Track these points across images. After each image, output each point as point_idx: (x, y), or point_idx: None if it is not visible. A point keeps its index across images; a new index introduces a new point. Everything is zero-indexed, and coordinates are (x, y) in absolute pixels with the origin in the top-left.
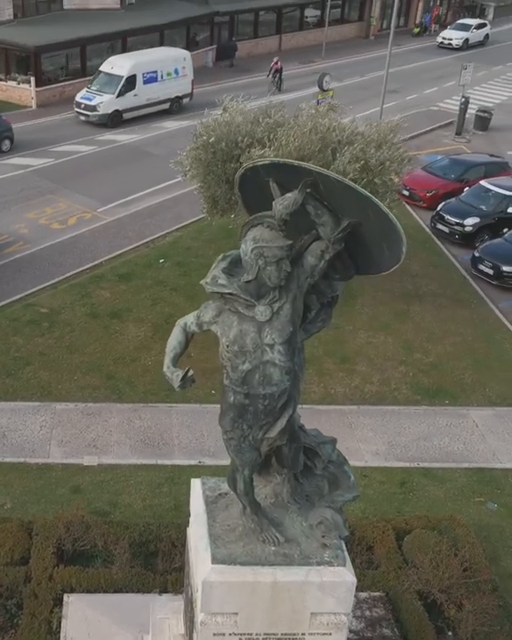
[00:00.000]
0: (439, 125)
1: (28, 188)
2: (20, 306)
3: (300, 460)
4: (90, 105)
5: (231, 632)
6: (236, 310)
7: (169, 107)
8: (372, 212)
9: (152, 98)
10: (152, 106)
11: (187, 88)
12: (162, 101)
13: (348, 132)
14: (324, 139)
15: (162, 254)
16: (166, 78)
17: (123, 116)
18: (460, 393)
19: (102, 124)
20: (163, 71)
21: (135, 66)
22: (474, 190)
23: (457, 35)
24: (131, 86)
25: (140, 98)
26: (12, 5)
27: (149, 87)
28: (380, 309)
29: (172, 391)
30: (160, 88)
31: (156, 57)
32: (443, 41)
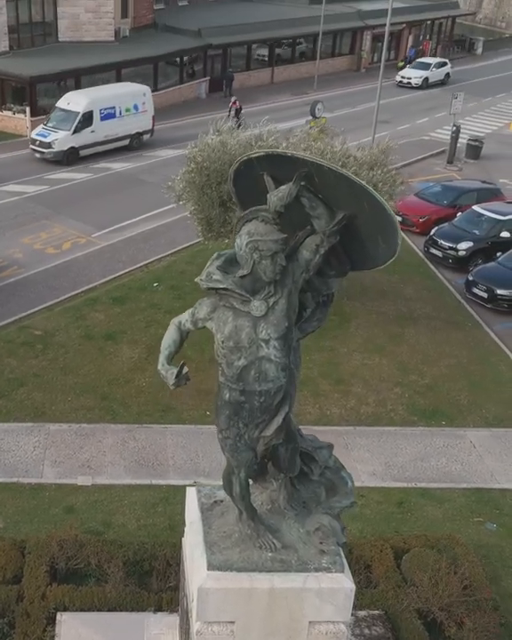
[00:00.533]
0: (431, 154)
1: (23, 214)
2: (15, 328)
3: (297, 463)
4: (45, 142)
5: None
6: (232, 306)
7: (128, 143)
8: (366, 203)
9: (110, 134)
10: (110, 142)
11: (147, 124)
12: (121, 138)
13: (339, 154)
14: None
15: (156, 278)
16: (125, 114)
17: (79, 152)
18: (456, 414)
19: (57, 162)
20: (121, 107)
21: (92, 102)
22: (466, 215)
23: (416, 73)
24: (87, 123)
25: (97, 134)
26: (8, 38)
27: (107, 123)
28: (375, 332)
29: (166, 412)
30: (119, 124)
31: (114, 93)
32: (402, 80)
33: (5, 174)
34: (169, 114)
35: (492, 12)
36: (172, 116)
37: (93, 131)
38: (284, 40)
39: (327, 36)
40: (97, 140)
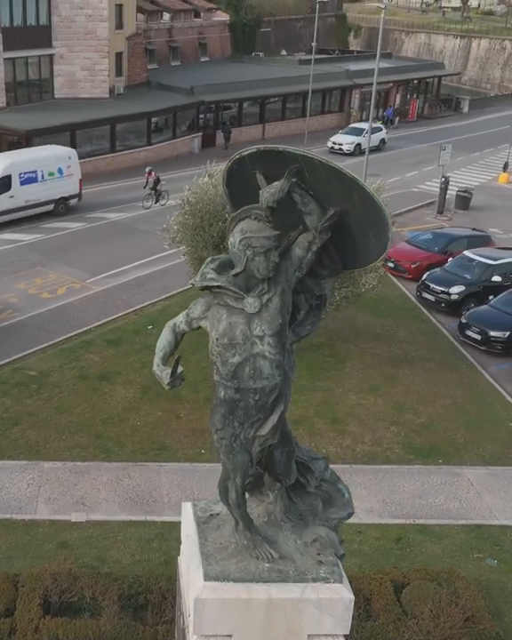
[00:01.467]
0: (421, 205)
1: (18, 261)
2: (9, 369)
3: (293, 468)
4: None
5: None
6: (226, 303)
7: (53, 208)
8: (357, 197)
9: (31, 199)
10: (32, 208)
11: (74, 188)
12: (43, 203)
13: None
14: None
15: (150, 321)
16: (48, 178)
17: None
18: (453, 452)
19: None
20: (44, 171)
21: (10, 166)
22: (458, 260)
23: (347, 139)
24: (5, 187)
25: (16, 199)
26: (5, 94)
27: (28, 188)
28: (370, 373)
29: (161, 450)
30: (41, 189)
31: (36, 156)
32: (333, 146)
33: (2, 223)
34: (162, 167)
35: (477, 74)
36: (166, 169)
37: (12, 196)
38: (274, 98)
39: (317, 94)
40: (17, 206)
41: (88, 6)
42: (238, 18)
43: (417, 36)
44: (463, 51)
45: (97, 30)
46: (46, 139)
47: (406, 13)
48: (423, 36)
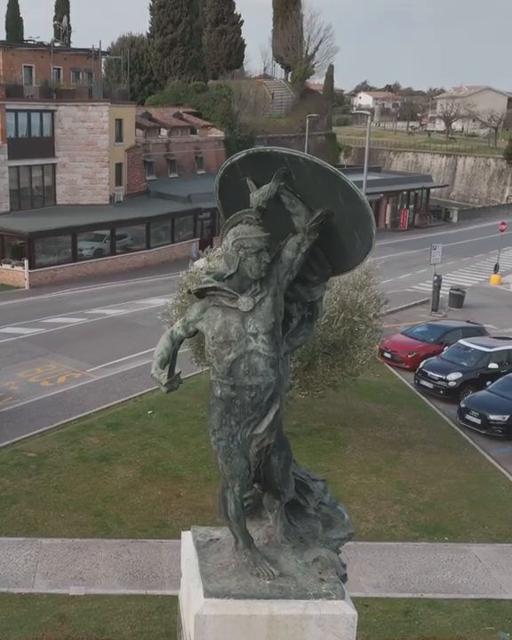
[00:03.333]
0: (415, 303)
1: (19, 352)
2: (8, 451)
3: (291, 478)
4: None
5: None
6: (221, 304)
7: None
8: (341, 194)
9: None
10: None
11: None
12: None
13: None
14: None
15: (150, 407)
16: None
17: None
18: (458, 530)
19: None
20: None
21: None
22: (453, 349)
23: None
24: None
25: None
26: (9, 200)
27: None
28: (371, 455)
29: (161, 528)
30: None
31: None
32: None
33: (3, 318)
34: (161, 269)
35: (464, 190)
36: (164, 271)
37: None
38: None
39: None
40: None
41: (89, 120)
42: (232, 135)
43: (405, 154)
44: (450, 168)
45: (98, 142)
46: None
47: (394, 135)
48: (411, 154)
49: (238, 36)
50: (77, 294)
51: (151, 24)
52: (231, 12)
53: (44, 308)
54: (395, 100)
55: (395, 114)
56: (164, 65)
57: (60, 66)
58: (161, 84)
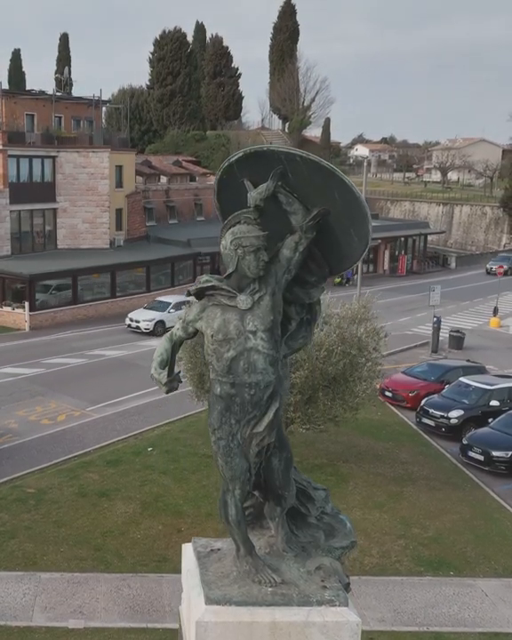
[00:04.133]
0: (415, 345)
1: (19, 392)
2: (7, 487)
3: (292, 480)
4: None
5: None
6: (220, 303)
7: None
8: (337, 192)
9: None
10: None
11: None
12: None
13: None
14: None
15: (150, 444)
16: None
17: None
18: (464, 565)
19: None
20: None
21: None
22: (454, 387)
23: (146, 316)
24: None
25: None
26: (10, 244)
27: None
28: (373, 491)
29: (162, 562)
30: None
31: None
32: (130, 323)
33: (3, 359)
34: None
35: (462, 238)
36: None
37: None
38: None
39: None
40: None
41: (90, 166)
42: None
43: (402, 203)
44: (447, 216)
45: (98, 187)
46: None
47: (390, 185)
48: (408, 203)
49: (236, 88)
50: (77, 336)
51: (151, 76)
52: (229, 66)
53: (44, 349)
54: (391, 152)
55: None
56: (164, 115)
57: (62, 114)
58: (160, 133)
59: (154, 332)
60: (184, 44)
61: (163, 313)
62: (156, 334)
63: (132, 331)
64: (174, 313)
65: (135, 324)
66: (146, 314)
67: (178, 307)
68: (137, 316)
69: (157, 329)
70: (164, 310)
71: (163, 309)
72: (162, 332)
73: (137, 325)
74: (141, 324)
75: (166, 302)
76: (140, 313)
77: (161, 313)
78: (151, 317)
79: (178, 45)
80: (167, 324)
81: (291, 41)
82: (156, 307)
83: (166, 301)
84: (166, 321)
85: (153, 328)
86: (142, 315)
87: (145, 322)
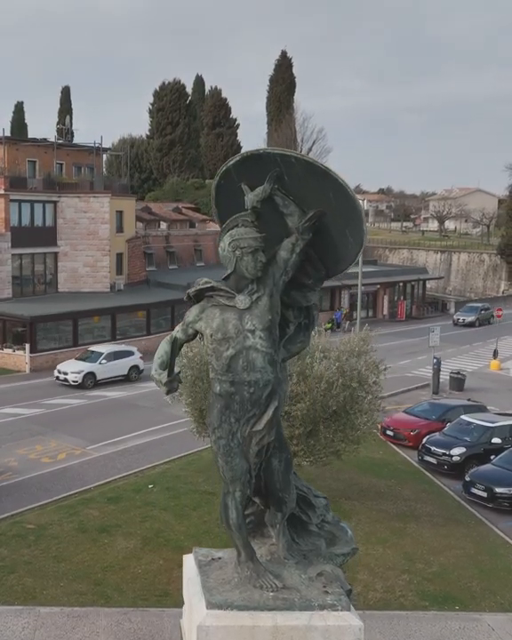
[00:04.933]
0: (416, 387)
1: (19, 431)
2: (7, 523)
3: (292, 483)
4: None
5: None
6: (218, 303)
7: None
8: (332, 192)
9: None
10: None
11: None
12: None
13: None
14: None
15: (151, 481)
16: None
17: None
18: (469, 600)
19: None
20: None
21: None
22: (456, 424)
23: (75, 367)
24: None
25: None
26: (12, 287)
27: None
28: (376, 527)
29: (163, 597)
30: None
31: None
32: (58, 375)
33: (3, 400)
34: None
35: (460, 285)
36: None
37: None
38: None
39: None
40: None
41: (91, 210)
42: None
43: (400, 251)
44: (445, 263)
45: (99, 231)
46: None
47: (388, 233)
48: (406, 251)
49: (234, 138)
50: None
51: (151, 126)
52: (227, 117)
53: (44, 390)
54: (388, 202)
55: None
56: (163, 164)
57: (63, 161)
58: (160, 181)
59: (83, 385)
60: (183, 95)
61: (93, 364)
62: (86, 387)
63: (60, 384)
64: (107, 364)
65: (63, 377)
66: (75, 365)
67: (110, 357)
68: (65, 368)
69: (87, 382)
70: (95, 361)
71: (94, 360)
72: (92, 384)
73: (65, 378)
74: (69, 376)
75: (98, 352)
76: (69, 364)
77: (91, 364)
78: (80, 369)
79: (177, 96)
80: (98, 375)
81: (287, 92)
82: (86, 357)
83: (99, 352)
84: (97, 373)
85: (82, 381)
86: (71, 366)
87: (73, 374)
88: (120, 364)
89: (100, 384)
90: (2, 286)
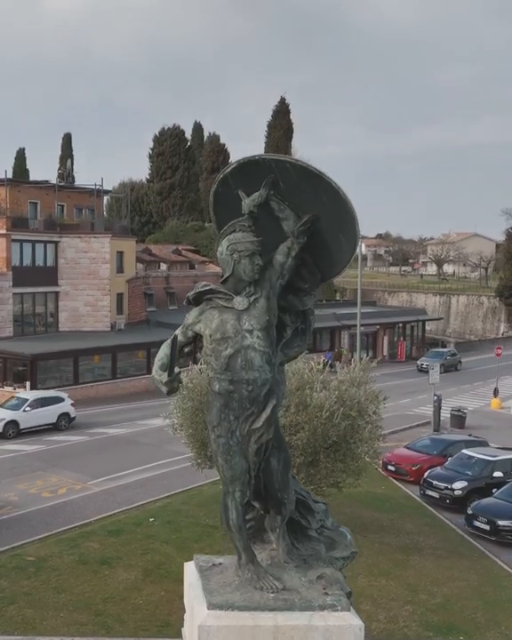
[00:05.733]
0: (416, 424)
1: (20, 467)
2: (6, 556)
3: (290, 483)
4: None
5: None
6: (217, 305)
7: None
8: (325, 196)
9: None
10: None
11: None
12: None
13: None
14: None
15: (152, 515)
16: None
17: None
18: (474, 630)
19: None
20: None
21: None
22: (457, 459)
23: None
24: None
25: None
26: (13, 325)
27: None
28: (379, 559)
29: (165, 627)
30: None
31: None
32: None
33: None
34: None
35: (460, 327)
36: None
37: None
38: None
39: None
40: None
41: (91, 250)
42: None
43: (399, 294)
44: (444, 306)
45: (99, 271)
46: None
47: (387, 277)
48: (405, 294)
49: None
50: (78, 415)
51: (151, 170)
52: (226, 162)
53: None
54: (387, 247)
55: (387, 259)
56: (163, 207)
57: (64, 203)
58: (160, 224)
59: (3, 435)
60: (183, 140)
61: (16, 412)
62: (7, 437)
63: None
64: (32, 412)
65: None
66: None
67: (36, 404)
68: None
69: (9, 431)
70: (18, 409)
71: (17, 407)
72: (14, 434)
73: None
74: None
75: (23, 399)
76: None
77: (14, 412)
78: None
79: (177, 141)
80: (21, 424)
81: (285, 138)
82: (9, 404)
83: (23, 398)
84: (20, 421)
85: (2, 429)
86: None
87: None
88: (47, 412)
89: (24, 434)
90: (3, 325)
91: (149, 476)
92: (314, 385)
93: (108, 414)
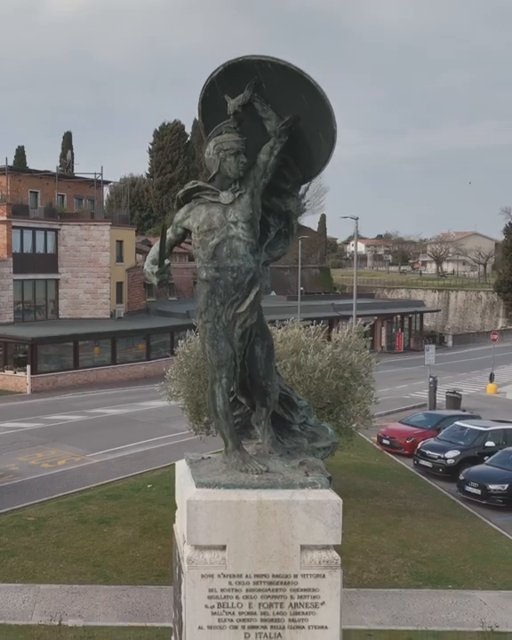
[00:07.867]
0: (413, 406)
1: (20, 441)
2: (6, 516)
3: (274, 371)
4: None
5: (220, 573)
6: (205, 201)
7: None
8: (304, 95)
9: None
10: None
11: None
12: None
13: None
14: (296, 344)
15: (149, 482)
16: None
17: None
18: (462, 580)
19: None
20: None
21: None
22: (450, 430)
23: None
24: None
25: None
26: (13, 312)
27: None
28: (372, 519)
29: (161, 577)
30: None
31: None
32: None
33: (4, 416)
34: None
35: (458, 323)
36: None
37: None
38: None
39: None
40: None
41: (91, 238)
42: None
43: (398, 291)
44: (443, 302)
45: (99, 259)
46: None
47: (386, 274)
48: (404, 291)
49: None
50: (78, 398)
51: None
52: None
53: (44, 408)
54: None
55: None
56: (163, 202)
57: (64, 192)
58: (160, 219)
59: None
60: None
61: None
62: None
63: None
64: None
65: None
66: None
67: None
68: None
69: None
70: None
71: None
72: None
73: None
74: None
75: None
76: None
77: None
78: None
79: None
80: None
81: None
82: None
83: None
84: None
85: None
86: None
87: None
88: None
89: None
90: (4, 311)
91: (147, 449)
92: (309, 348)
93: (109, 397)
